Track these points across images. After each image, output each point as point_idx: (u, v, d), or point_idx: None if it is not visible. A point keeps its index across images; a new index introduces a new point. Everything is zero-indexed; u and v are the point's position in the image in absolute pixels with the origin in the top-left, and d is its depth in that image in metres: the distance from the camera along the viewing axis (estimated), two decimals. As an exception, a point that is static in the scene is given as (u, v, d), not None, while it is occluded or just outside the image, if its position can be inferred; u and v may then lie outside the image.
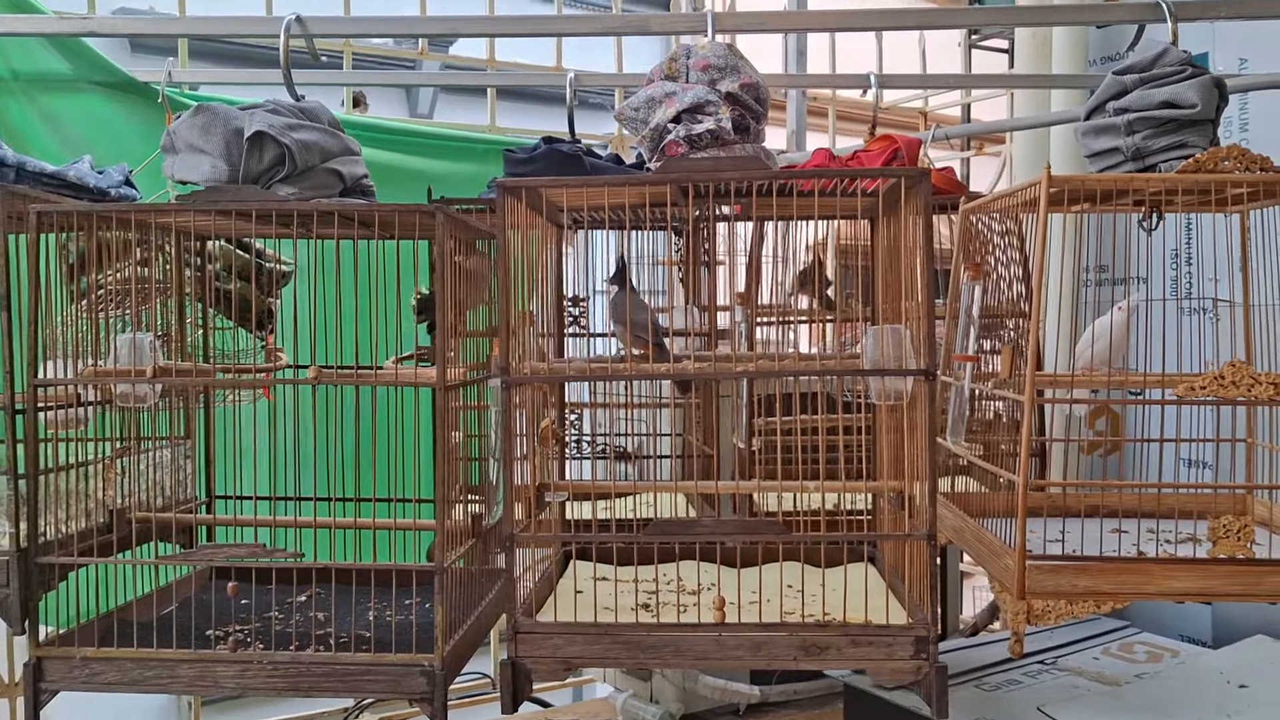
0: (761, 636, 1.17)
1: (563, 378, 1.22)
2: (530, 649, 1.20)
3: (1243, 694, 1.81)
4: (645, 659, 1.18)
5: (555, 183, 1.23)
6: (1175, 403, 1.19)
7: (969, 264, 1.43)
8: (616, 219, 1.61)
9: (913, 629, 1.16)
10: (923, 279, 1.15)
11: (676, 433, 1.95)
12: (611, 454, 1.83)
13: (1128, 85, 1.32)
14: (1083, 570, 1.19)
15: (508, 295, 1.17)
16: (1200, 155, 1.22)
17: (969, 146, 2.89)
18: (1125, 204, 1.40)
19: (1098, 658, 2.07)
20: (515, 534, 1.20)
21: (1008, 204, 1.36)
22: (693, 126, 1.23)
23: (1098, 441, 1.77)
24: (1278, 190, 1.28)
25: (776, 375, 1.19)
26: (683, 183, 1.17)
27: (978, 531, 1.37)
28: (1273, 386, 1.18)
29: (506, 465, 1.20)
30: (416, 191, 1.80)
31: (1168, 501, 1.47)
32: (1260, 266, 1.50)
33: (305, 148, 1.33)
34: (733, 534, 1.21)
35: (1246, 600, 1.20)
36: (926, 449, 1.17)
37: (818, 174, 1.27)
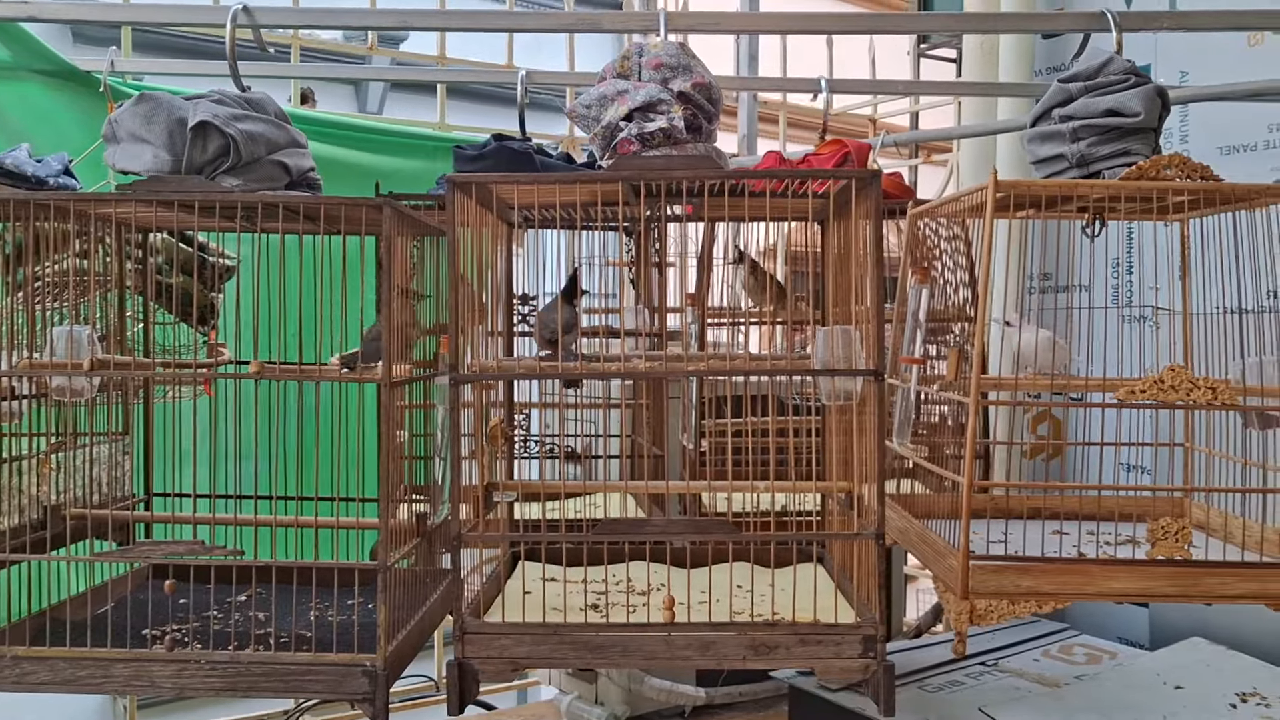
0: (711, 636, 1.17)
1: (510, 375, 1.21)
2: (477, 649, 1.19)
3: (1178, 695, 1.84)
4: (593, 659, 1.18)
5: (506, 178, 1.22)
6: (1116, 406, 1.20)
7: (916, 269, 1.44)
8: (568, 218, 1.61)
9: (861, 628, 1.17)
10: (872, 280, 1.15)
11: (625, 434, 1.94)
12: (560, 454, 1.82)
13: (1073, 93, 1.34)
14: (1025, 571, 1.21)
15: (456, 292, 1.16)
16: (1143, 163, 1.24)
17: (917, 154, 2.92)
18: (1070, 210, 1.42)
19: (1038, 659, 2.09)
20: (462, 534, 1.19)
21: (955, 209, 1.38)
22: (645, 125, 1.23)
23: (1040, 446, 1.79)
24: (1217, 199, 1.30)
25: (726, 375, 1.19)
26: (635, 181, 1.16)
27: (923, 533, 1.38)
28: (1210, 391, 1.20)
29: (453, 464, 1.18)
30: (364, 187, 1.78)
31: (1107, 504, 1.50)
32: (1199, 275, 1.53)
33: (251, 139, 1.31)
34: (682, 533, 1.20)
35: (1184, 600, 1.22)
36: (875, 449, 1.17)
37: (770, 174, 1.27)
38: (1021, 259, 2.30)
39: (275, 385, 1.26)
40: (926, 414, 1.52)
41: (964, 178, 2.51)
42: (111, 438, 1.55)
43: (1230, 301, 1.38)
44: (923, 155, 2.94)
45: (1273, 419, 1.33)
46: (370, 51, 2.55)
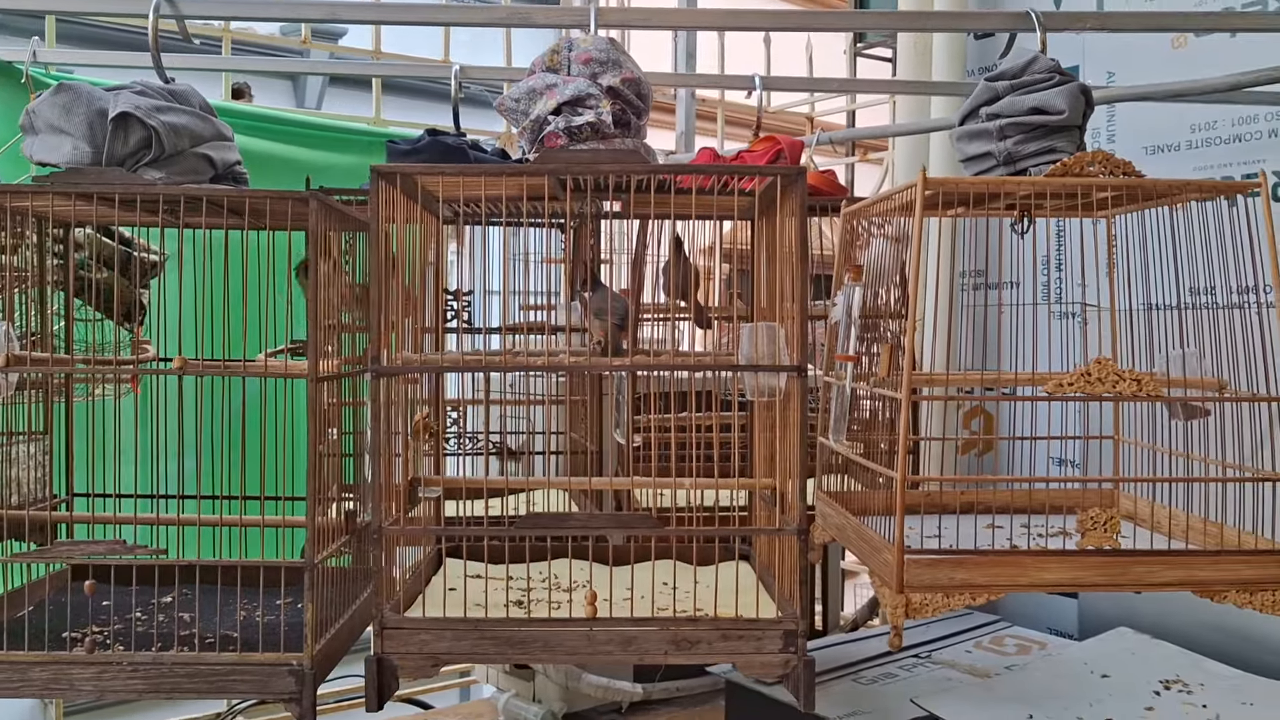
0: (632, 631, 1.17)
1: (435, 368, 1.20)
2: (397, 645, 1.17)
3: (1104, 683, 1.88)
4: (514, 654, 1.17)
5: (431, 169, 1.21)
6: (1045, 399, 1.22)
7: (849, 266, 1.45)
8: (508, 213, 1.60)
9: (781, 623, 1.17)
10: (796, 277, 1.16)
11: (560, 430, 1.94)
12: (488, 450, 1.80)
13: (999, 91, 1.35)
14: (959, 564, 1.22)
15: (380, 285, 1.15)
16: (1067, 160, 1.26)
17: (853, 153, 2.94)
18: (998, 208, 1.44)
19: (970, 651, 2.12)
20: (384, 528, 1.17)
21: (887, 207, 1.39)
22: (573, 119, 1.22)
23: (973, 441, 1.81)
24: (1140, 195, 1.32)
25: (650, 369, 1.19)
26: (560, 174, 1.16)
27: (859, 529, 1.39)
28: (1135, 382, 1.22)
29: (376, 459, 1.17)
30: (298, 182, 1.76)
31: (1040, 497, 1.52)
32: (1124, 272, 1.56)
33: (174, 131, 1.28)
34: (605, 527, 1.20)
35: (1113, 589, 1.24)
36: (797, 445, 1.18)
37: (696, 170, 1.27)
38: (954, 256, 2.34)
39: (204, 382, 1.23)
40: (861, 410, 1.53)
41: (899, 175, 2.54)
42: (31, 437, 1.51)
43: (1156, 297, 1.41)
44: (859, 153, 2.96)
45: (1196, 409, 1.35)
46: (304, 44, 2.52)
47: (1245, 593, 1.21)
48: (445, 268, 1.72)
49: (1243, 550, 1.24)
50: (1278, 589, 1.21)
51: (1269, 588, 1.21)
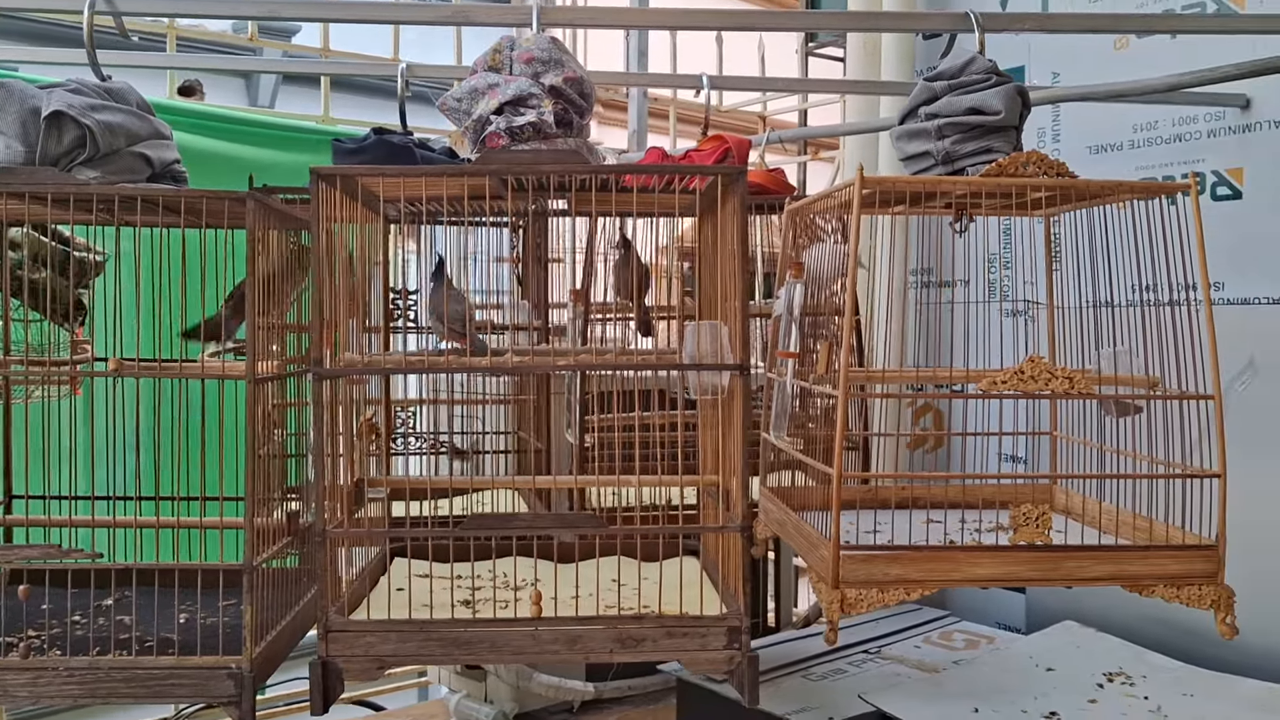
0: (578, 630, 1.17)
1: (377, 370, 1.20)
2: (342, 648, 1.17)
3: (1049, 676, 1.90)
4: (460, 655, 1.17)
5: (371, 171, 1.21)
6: (979, 396, 1.23)
7: (791, 263, 1.46)
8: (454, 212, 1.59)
9: (726, 620, 1.18)
10: (737, 276, 1.16)
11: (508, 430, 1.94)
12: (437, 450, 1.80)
13: (937, 91, 1.37)
14: (894, 559, 1.23)
15: (321, 285, 1.14)
16: (1003, 160, 1.27)
17: (805, 151, 2.96)
18: (937, 207, 1.46)
19: (919, 646, 2.14)
20: (327, 531, 1.17)
21: (828, 205, 1.40)
22: (514, 119, 1.22)
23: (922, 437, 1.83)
24: (1074, 195, 1.34)
25: (595, 369, 1.19)
26: (501, 175, 1.16)
27: (799, 524, 1.40)
28: (1068, 381, 1.24)
29: (318, 461, 1.16)
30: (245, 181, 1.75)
31: (981, 492, 1.54)
32: (1067, 269, 1.58)
33: (109, 130, 1.27)
34: (551, 527, 1.20)
35: (1045, 584, 1.26)
36: (740, 443, 1.18)
37: (637, 170, 1.27)
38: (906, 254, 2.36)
39: (147, 382, 1.22)
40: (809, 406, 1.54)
41: (849, 173, 2.56)
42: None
43: (1097, 294, 1.43)
44: (812, 152, 2.98)
45: (1128, 406, 1.38)
46: (251, 42, 2.50)
47: (1172, 587, 1.23)
48: (393, 267, 1.71)
49: (1170, 545, 1.26)
50: (1203, 584, 1.23)
51: (1195, 582, 1.23)
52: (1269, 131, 1.95)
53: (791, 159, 3.00)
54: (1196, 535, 1.27)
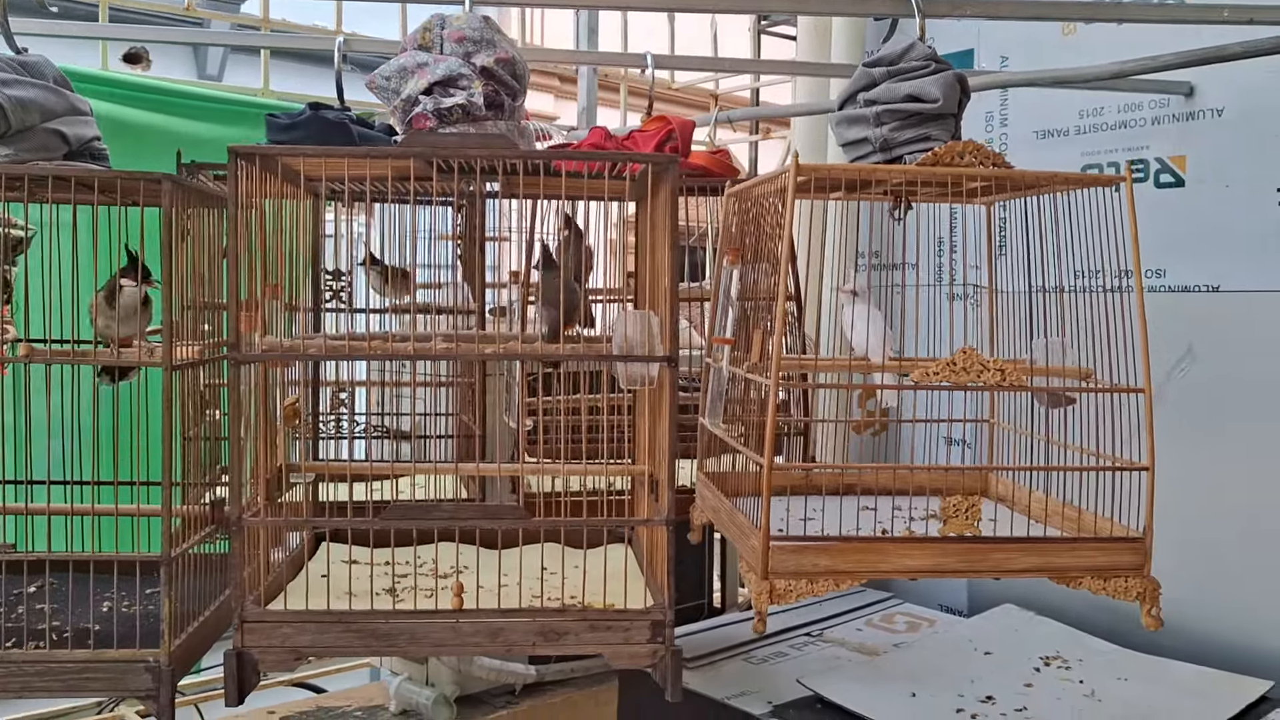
0: (500, 623, 1.16)
1: (297, 356, 1.17)
2: (258, 639, 1.15)
3: (986, 660, 1.92)
4: (380, 647, 1.15)
5: (291, 151, 1.18)
6: (911, 388, 1.23)
7: (728, 248, 1.44)
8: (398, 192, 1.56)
9: (650, 613, 1.17)
10: (668, 265, 1.15)
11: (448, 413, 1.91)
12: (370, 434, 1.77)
13: (876, 78, 1.35)
14: (823, 550, 1.22)
15: (237, 267, 1.11)
16: (939, 149, 1.26)
17: (757, 130, 2.94)
18: (877, 193, 1.45)
19: (860, 629, 2.15)
20: (242, 520, 1.14)
21: (765, 190, 1.38)
22: (442, 100, 1.20)
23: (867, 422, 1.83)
24: (1009, 185, 1.33)
25: (524, 358, 1.17)
26: (426, 158, 1.13)
27: (731, 512, 1.39)
28: (999, 373, 1.23)
29: (234, 450, 1.14)
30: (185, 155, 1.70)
31: (916, 479, 1.53)
32: (1011, 254, 1.58)
33: (21, 105, 1.22)
34: (472, 519, 1.18)
35: (974, 575, 1.26)
36: (668, 435, 1.17)
37: (566, 156, 1.25)
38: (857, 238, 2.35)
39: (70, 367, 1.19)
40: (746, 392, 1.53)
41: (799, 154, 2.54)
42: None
43: (1039, 281, 1.42)
44: (763, 131, 2.97)
45: (1061, 398, 1.38)
46: (189, 13, 2.43)
47: (1099, 579, 1.23)
48: (324, 247, 1.68)
49: (1097, 538, 1.26)
50: (1130, 576, 1.24)
51: (1121, 574, 1.23)
52: (1211, 120, 1.95)
53: (743, 138, 2.98)
54: (1125, 527, 1.27)
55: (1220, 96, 1.94)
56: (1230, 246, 1.92)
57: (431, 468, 1.25)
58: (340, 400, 1.81)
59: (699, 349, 1.67)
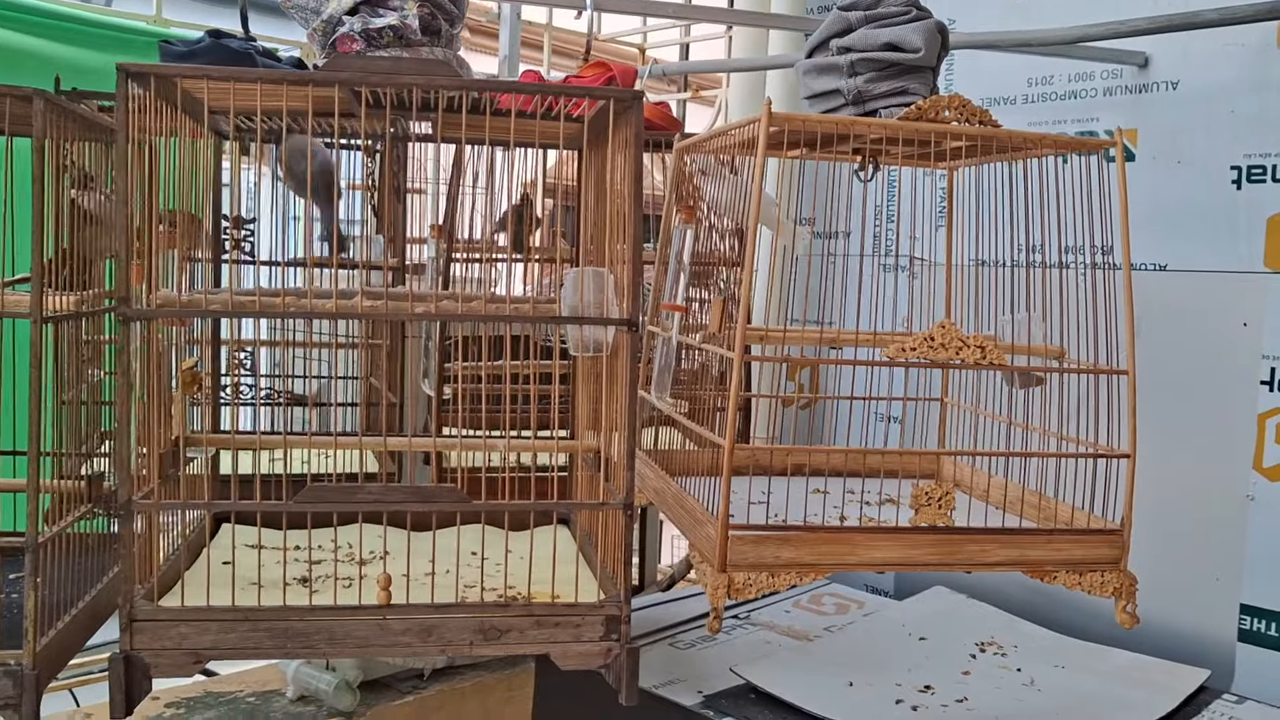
0: (433, 619, 1.02)
1: (197, 312, 1.01)
2: (149, 640, 0.99)
3: (922, 646, 1.84)
4: (294, 648, 1.00)
5: (195, 71, 1.00)
6: (886, 364, 1.12)
7: (681, 207, 1.32)
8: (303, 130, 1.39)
9: (604, 607, 1.04)
10: (630, 216, 1.02)
11: (354, 376, 1.75)
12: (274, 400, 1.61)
13: (852, 22, 1.23)
14: (786, 541, 1.12)
15: (128, 210, 0.94)
16: (922, 103, 1.15)
17: (685, 89, 2.81)
18: (844, 151, 1.33)
19: (789, 611, 2.06)
20: (133, 503, 0.98)
21: (724, 143, 1.26)
22: (371, 20, 1.04)
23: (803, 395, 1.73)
24: (994, 147, 1.23)
25: (459, 319, 1.03)
26: (353, 85, 0.97)
27: (679, 496, 1.27)
28: (980, 350, 1.13)
29: (122, 419, 0.97)
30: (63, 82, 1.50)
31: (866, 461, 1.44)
32: (959, 227, 1.49)
33: None
34: (401, 502, 1.04)
35: (947, 569, 1.18)
36: (626, 409, 1.04)
37: (518, 88, 1.10)
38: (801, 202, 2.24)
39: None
40: (690, 362, 1.41)
41: (733, 115, 2.42)
42: None
43: (994, 254, 1.33)
44: (691, 91, 2.84)
45: (1032, 378, 1.29)
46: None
47: (1075, 573, 1.15)
48: (229, 191, 1.50)
49: (1076, 530, 1.18)
50: (1107, 570, 1.16)
51: (1099, 568, 1.16)
52: (1165, 93, 1.89)
53: (671, 96, 2.85)
54: (1100, 518, 1.19)
55: (1176, 69, 1.88)
56: (1180, 225, 1.87)
57: (356, 442, 1.09)
58: (239, 362, 1.64)
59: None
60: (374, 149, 1.69)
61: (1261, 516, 1.79)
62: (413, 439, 1.17)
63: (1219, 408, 1.83)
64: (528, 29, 2.74)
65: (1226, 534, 1.82)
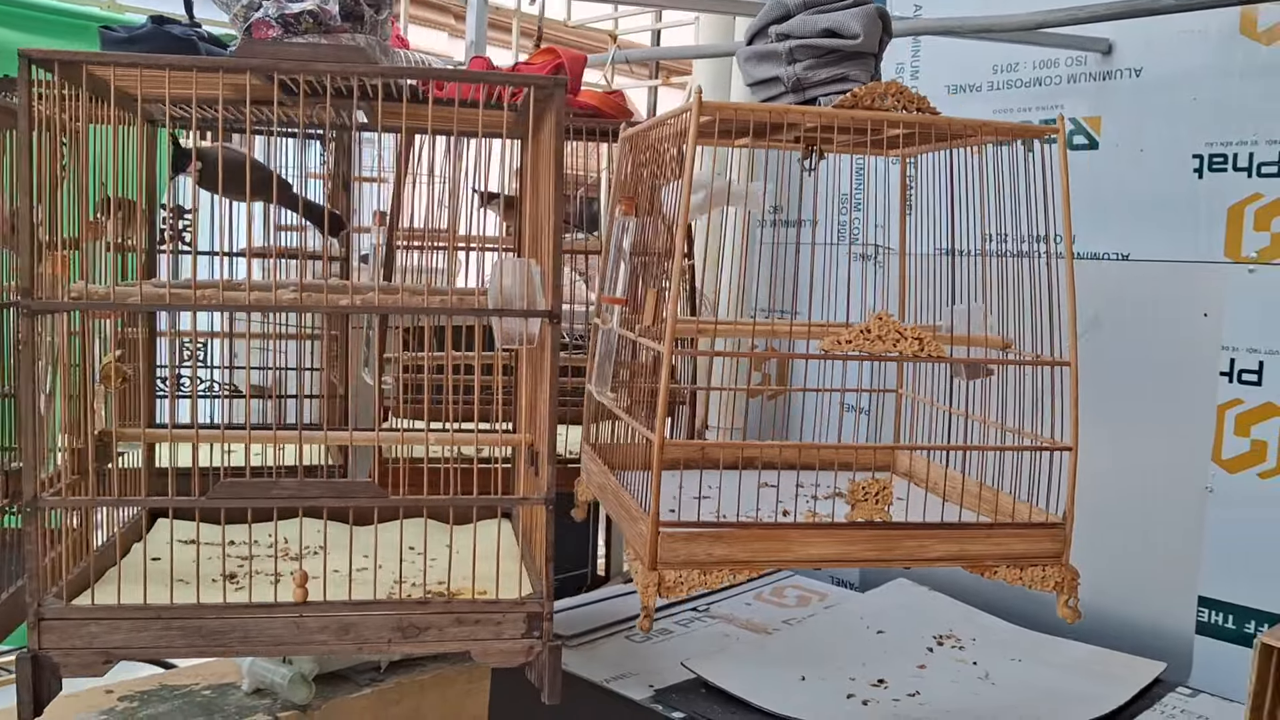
0: (351, 617, 1.00)
1: (98, 305, 0.98)
2: (58, 639, 0.97)
3: (879, 639, 1.83)
4: (206, 647, 0.98)
5: (101, 58, 0.98)
6: (821, 357, 1.10)
7: (621, 197, 1.29)
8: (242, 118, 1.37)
9: (525, 604, 1.02)
10: (551, 206, 0.99)
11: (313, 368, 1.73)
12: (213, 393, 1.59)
13: (790, 9, 1.21)
14: (718, 538, 1.10)
15: (25, 199, 0.92)
16: (859, 90, 1.13)
17: (657, 75, 2.78)
18: (787, 140, 1.31)
19: (750, 603, 2.05)
20: (38, 499, 0.96)
21: (661, 132, 1.23)
22: (288, 5, 1.01)
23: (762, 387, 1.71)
24: (934, 134, 1.21)
25: (382, 312, 1.01)
26: (265, 71, 0.95)
27: (617, 491, 1.25)
28: (917, 342, 1.11)
29: (28, 416, 0.95)
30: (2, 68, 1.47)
31: (819, 453, 1.42)
32: (920, 214, 1.46)
33: None
34: (319, 498, 1.02)
35: (884, 565, 1.16)
36: (551, 402, 1.02)
37: (431, 74, 1.08)
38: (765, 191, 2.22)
39: None
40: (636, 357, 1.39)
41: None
42: None
43: (951, 243, 1.31)
44: (663, 77, 2.81)
45: (980, 369, 1.27)
46: (23, -91, 2.16)
47: (1016, 568, 1.14)
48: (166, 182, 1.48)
49: (1016, 524, 1.16)
50: (1048, 565, 1.14)
51: (1039, 563, 1.14)
52: (1128, 80, 1.87)
53: (642, 82, 2.82)
54: (1043, 511, 1.17)
55: (1139, 56, 1.85)
56: (1143, 214, 1.85)
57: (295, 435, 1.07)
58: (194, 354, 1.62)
59: (592, 305, 1.52)
60: (330, 138, 1.67)
61: (1220, 508, 1.77)
62: (354, 433, 1.14)
63: (1179, 399, 1.81)
64: (498, 13, 2.72)
65: (1185, 526, 1.81)
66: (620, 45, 2.90)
